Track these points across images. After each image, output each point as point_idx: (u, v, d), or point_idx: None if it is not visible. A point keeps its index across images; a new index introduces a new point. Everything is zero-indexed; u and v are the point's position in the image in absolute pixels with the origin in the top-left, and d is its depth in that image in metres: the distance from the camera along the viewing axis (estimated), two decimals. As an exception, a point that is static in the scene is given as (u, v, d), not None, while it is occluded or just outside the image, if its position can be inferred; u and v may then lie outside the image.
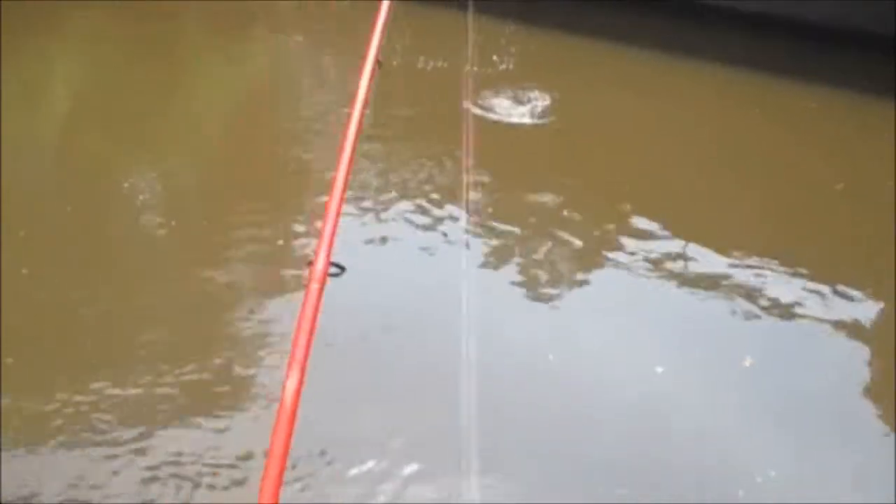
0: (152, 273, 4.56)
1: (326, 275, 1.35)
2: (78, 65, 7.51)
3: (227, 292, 4.39)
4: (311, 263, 1.38)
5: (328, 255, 1.37)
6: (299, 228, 4.98)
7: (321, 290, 1.33)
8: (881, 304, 4.66)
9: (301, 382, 1.33)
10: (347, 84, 7.47)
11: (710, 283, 4.70)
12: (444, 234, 4.99)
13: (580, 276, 4.80)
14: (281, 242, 4.88)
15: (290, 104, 7.00)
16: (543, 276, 4.72)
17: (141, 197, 5.30)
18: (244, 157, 5.89)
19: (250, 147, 6.06)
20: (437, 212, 5.16)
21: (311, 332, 1.29)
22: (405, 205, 5.25)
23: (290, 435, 1.36)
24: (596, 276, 4.81)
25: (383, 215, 5.13)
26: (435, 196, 5.31)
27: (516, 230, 5.07)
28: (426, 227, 5.05)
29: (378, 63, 1.72)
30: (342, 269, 1.37)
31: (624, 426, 3.69)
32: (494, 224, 5.07)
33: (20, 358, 3.71)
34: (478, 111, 6.10)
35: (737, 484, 3.40)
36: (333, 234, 1.39)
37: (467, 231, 4.85)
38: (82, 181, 5.52)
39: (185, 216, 5.13)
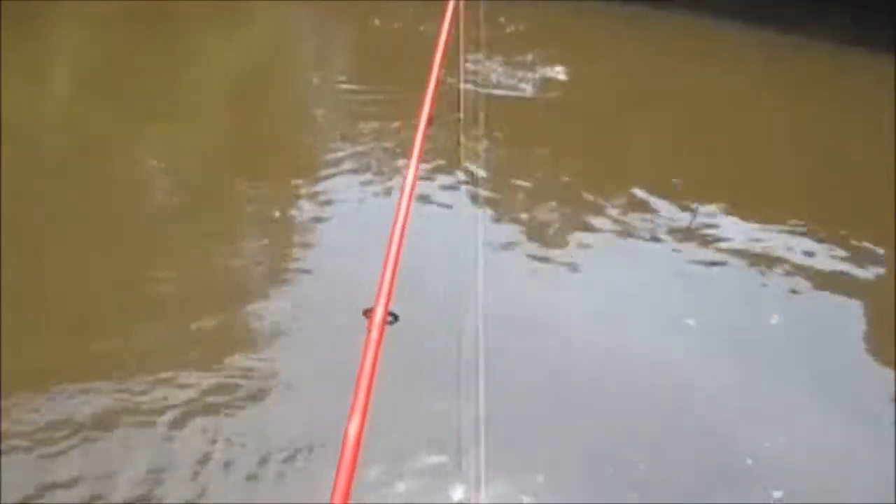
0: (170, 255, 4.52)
1: (385, 324, 1.31)
2: (78, 42, 7.44)
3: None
4: (370, 311, 1.34)
5: (387, 305, 1.33)
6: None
7: (381, 338, 1.29)
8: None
9: (362, 426, 1.30)
10: (349, 54, 7.43)
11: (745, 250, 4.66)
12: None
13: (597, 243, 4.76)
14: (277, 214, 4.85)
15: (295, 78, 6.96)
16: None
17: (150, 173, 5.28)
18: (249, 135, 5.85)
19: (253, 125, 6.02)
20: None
21: (371, 378, 1.26)
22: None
23: (350, 481, 1.33)
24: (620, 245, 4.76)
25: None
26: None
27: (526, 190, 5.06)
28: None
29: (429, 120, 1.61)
30: (396, 318, 1.34)
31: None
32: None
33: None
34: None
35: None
36: (392, 283, 1.35)
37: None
38: (87, 159, 5.45)
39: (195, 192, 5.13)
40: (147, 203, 4.99)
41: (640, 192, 5.11)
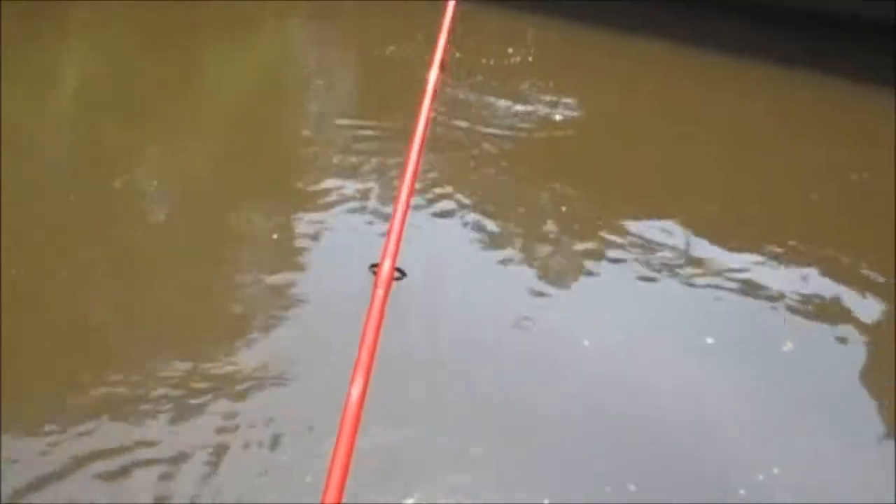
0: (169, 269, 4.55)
1: (392, 280, 1.33)
2: (88, 55, 7.53)
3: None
4: (376, 267, 1.36)
5: (394, 260, 1.35)
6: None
7: (386, 295, 1.31)
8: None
9: (365, 389, 1.32)
10: (358, 75, 7.51)
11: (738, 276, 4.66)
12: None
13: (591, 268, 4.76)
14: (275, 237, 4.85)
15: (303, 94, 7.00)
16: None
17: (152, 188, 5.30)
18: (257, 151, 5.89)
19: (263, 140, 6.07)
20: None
21: (375, 338, 1.27)
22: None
23: (352, 444, 1.35)
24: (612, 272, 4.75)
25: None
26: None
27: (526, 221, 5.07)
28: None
29: (442, 66, 1.67)
30: (404, 274, 1.36)
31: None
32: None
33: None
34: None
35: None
36: (399, 238, 1.37)
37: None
38: (94, 170, 5.50)
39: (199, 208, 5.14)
40: (146, 219, 5.01)
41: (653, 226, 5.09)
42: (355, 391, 1.34)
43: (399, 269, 1.36)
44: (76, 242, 4.66)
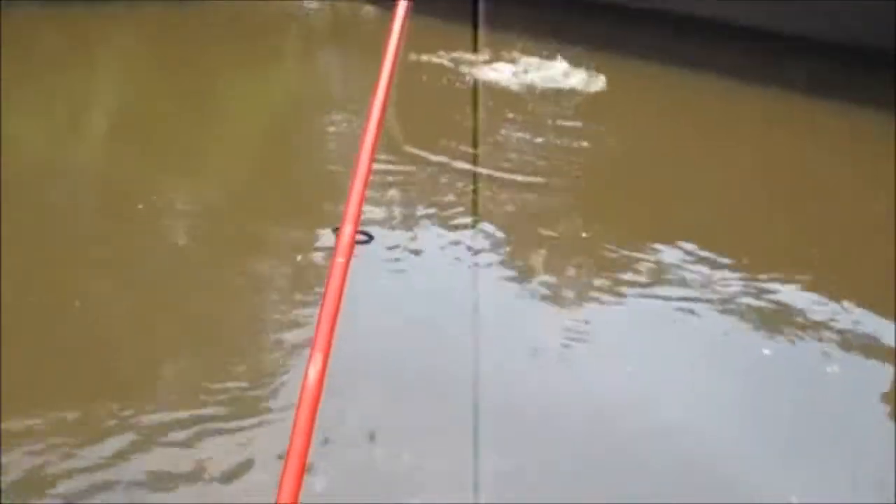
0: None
1: (353, 248, 1.25)
2: (109, 81, 7.60)
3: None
4: (338, 231, 1.28)
5: (355, 225, 1.27)
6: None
7: (347, 264, 1.23)
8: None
9: (325, 367, 1.24)
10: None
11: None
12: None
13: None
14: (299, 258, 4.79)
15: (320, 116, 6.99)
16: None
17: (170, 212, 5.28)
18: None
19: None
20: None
21: (335, 312, 1.20)
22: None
23: (312, 425, 1.28)
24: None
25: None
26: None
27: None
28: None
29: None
30: (370, 237, 1.28)
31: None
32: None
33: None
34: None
35: None
36: (361, 201, 1.30)
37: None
38: (115, 195, 5.51)
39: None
40: (165, 245, 5.00)
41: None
42: (313, 370, 1.26)
43: (364, 233, 1.28)
44: (96, 265, 4.65)
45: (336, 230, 1.25)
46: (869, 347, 4.22)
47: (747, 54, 8.05)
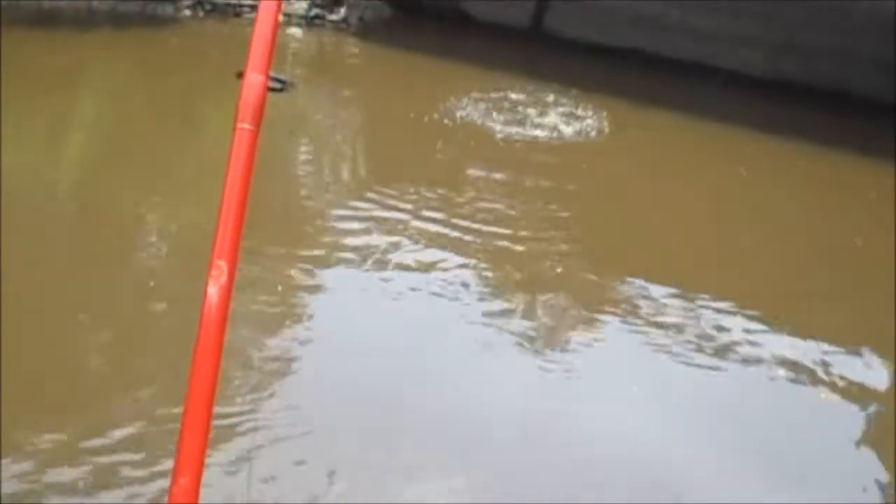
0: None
1: (264, 98, 0.97)
2: (92, 109, 7.39)
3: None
4: (241, 77, 1.01)
5: (266, 70, 0.97)
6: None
7: (256, 133, 0.96)
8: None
9: (231, 279, 0.97)
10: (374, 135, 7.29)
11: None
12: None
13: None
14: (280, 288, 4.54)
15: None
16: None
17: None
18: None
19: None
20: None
21: (244, 189, 0.91)
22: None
23: (217, 364, 1.00)
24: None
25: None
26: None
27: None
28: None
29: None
30: (283, 83, 1.01)
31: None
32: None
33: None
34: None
35: None
36: (273, 38, 1.01)
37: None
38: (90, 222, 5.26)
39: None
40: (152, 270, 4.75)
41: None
42: (214, 288, 0.98)
43: (277, 79, 1.01)
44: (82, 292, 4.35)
45: (240, 75, 0.98)
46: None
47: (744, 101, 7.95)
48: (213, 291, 0.97)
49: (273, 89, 0.99)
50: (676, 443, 3.60)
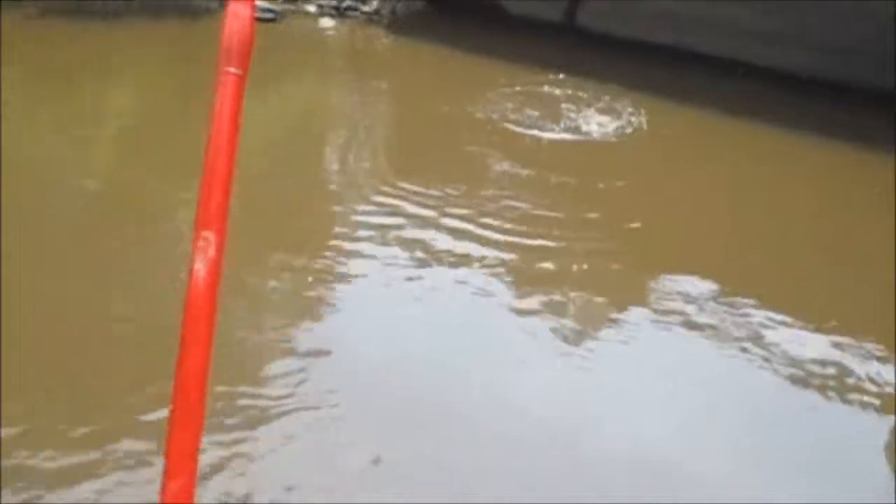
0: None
1: (251, 46, 0.87)
2: (123, 101, 7.38)
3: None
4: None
5: (251, 2, 0.88)
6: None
7: (244, 78, 0.85)
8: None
9: (220, 252, 0.87)
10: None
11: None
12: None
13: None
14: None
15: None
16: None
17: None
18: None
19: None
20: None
21: (231, 144, 0.81)
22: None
23: (208, 345, 0.90)
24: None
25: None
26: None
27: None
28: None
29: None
30: (275, 12, 0.91)
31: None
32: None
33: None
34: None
35: None
36: None
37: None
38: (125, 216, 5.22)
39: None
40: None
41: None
42: (201, 263, 0.88)
43: (269, 9, 0.91)
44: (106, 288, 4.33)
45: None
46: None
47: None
48: (200, 267, 0.87)
49: (263, 20, 0.89)
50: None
